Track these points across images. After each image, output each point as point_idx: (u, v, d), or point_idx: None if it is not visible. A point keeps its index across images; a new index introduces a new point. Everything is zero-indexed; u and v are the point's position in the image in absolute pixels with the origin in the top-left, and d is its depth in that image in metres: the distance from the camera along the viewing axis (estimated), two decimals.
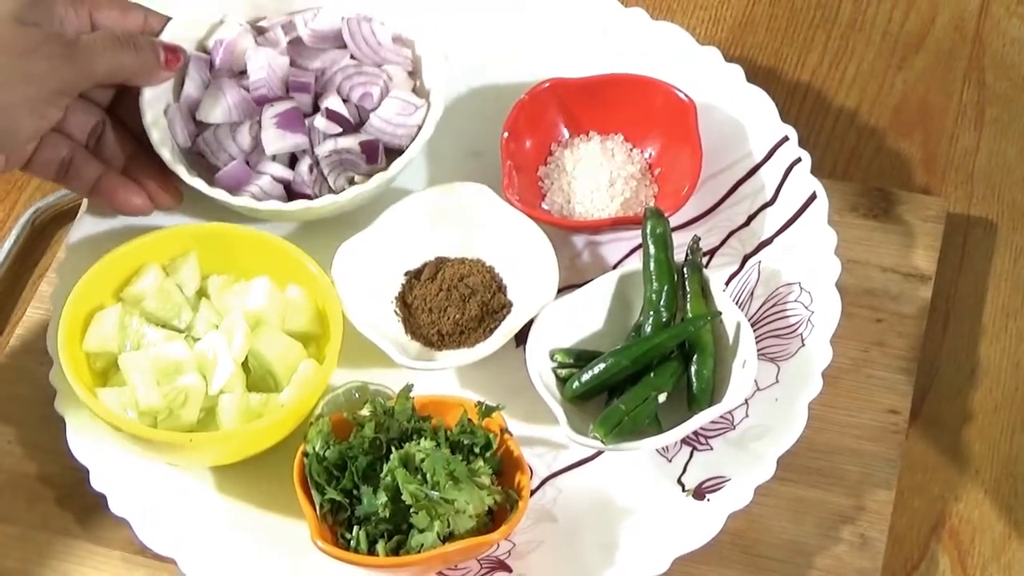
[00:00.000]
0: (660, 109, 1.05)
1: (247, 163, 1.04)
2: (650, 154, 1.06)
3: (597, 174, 1.04)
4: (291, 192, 1.03)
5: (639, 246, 1.01)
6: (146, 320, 0.96)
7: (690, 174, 1.02)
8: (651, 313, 0.96)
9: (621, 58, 1.08)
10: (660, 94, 1.05)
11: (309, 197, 1.02)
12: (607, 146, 1.06)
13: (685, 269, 0.97)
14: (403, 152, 1.02)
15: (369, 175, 1.01)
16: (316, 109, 1.05)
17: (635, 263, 1.00)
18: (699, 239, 0.99)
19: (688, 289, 0.97)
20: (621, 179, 1.04)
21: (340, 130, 1.03)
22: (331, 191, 1.02)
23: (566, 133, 1.07)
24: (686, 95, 1.04)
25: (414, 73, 1.07)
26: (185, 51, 1.03)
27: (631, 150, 1.06)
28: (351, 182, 1.02)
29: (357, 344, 0.96)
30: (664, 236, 0.97)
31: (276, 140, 1.03)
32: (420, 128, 1.03)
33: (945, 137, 1.13)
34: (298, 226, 1.04)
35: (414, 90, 1.06)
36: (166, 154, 1.01)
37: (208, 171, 1.03)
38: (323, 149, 1.03)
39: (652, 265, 0.97)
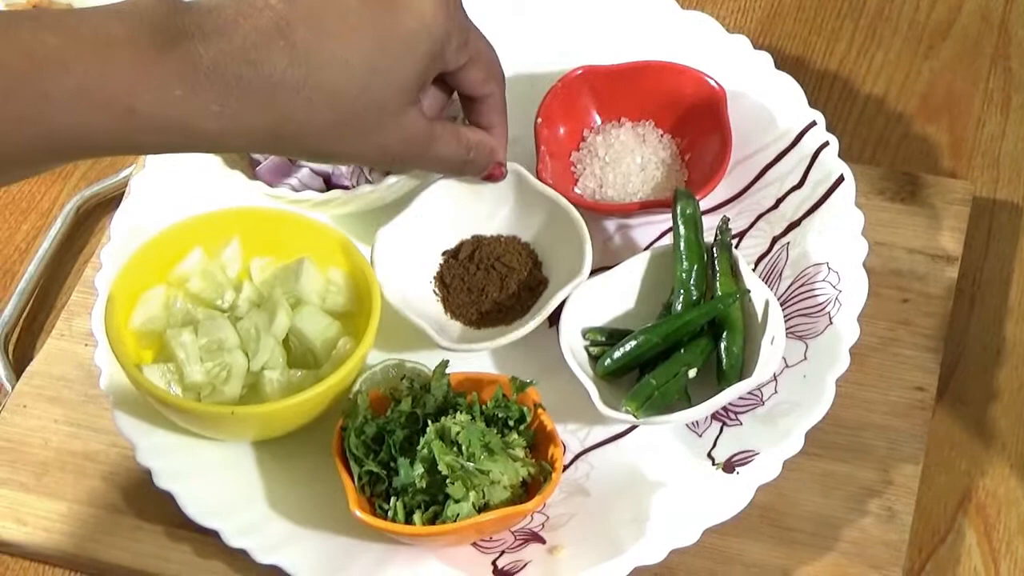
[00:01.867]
0: (690, 96, 1.06)
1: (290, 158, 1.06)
2: (680, 141, 1.08)
3: (629, 159, 1.06)
4: (330, 185, 1.05)
5: (669, 229, 1.03)
6: (190, 300, 0.99)
7: (720, 160, 1.04)
8: (681, 292, 0.98)
9: (651, 46, 1.10)
10: (691, 81, 1.07)
11: (347, 188, 1.04)
12: (638, 132, 1.08)
13: (714, 249, 0.99)
14: None
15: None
16: None
17: (666, 244, 1.02)
18: (728, 220, 1.01)
19: (717, 268, 0.99)
20: (652, 164, 1.06)
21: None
22: (368, 182, 1.04)
23: (598, 119, 1.09)
24: (716, 82, 1.06)
25: None
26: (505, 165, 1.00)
27: (662, 136, 1.08)
28: (387, 173, 1.04)
29: (393, 324, 0.99)
30: (694, 216, 0.99)
31: None
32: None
33: (971, 123, 1.15)
34: (338, 217, 1.07)
35: None
36: None
37: (250, 167, 1.06)
38: None
39: (682, 245, 0.99)
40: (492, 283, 1.02)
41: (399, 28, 0.82)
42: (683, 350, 0.96)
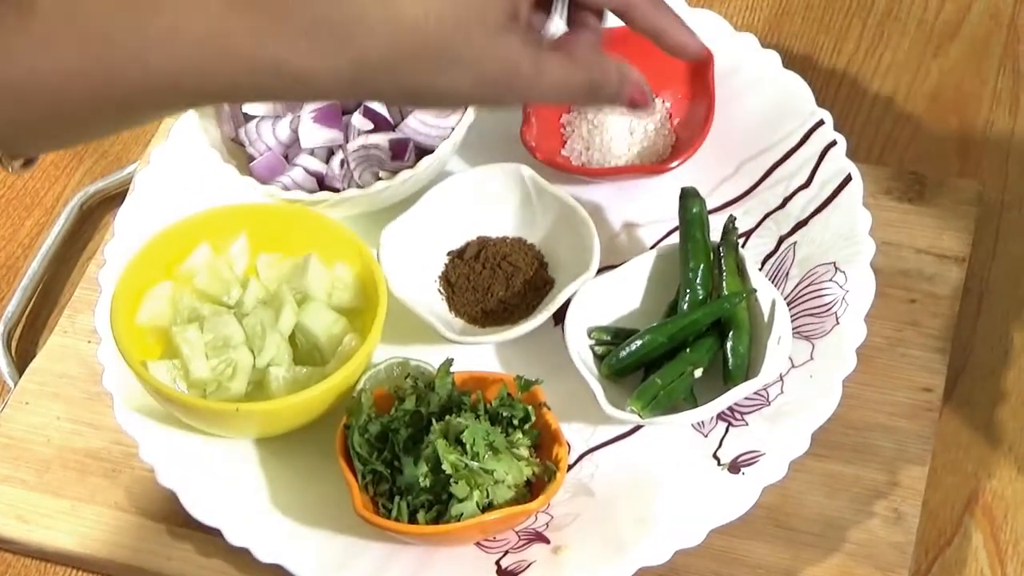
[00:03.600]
0: (678, 60, 1.06)
1: (285, 156, 1.06)
2: (670, 105, 1.09)
3: (617, 122, 1.07)
4: (324, 186, 1.05)
5: (675, 228, 1.02)
6: (197, 296, 0.98)
7: (703, 125, 1.05)
8: (687, 291, 0.97)
9: None
10: None
11: (338, 190, 1.04)
12: None
13: (721, 248, 0.99)
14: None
15: (395, 172, 1.03)
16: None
17: (672, 243, 1.01)
18: (735, 218, 1.00)
19: (724, 268, 0.98)
20: (641, 128, 1.06)
21: (372, 127, 1.05)
22: (358, 186, 1.04)
23: None
24: (706, 48, 1.05)
25: None
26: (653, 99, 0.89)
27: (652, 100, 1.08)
28: (377, 177, 1.04)
29: (398, 321, 0.98)
30: (700, 215, 0.99)
31: (311, 134, 1.05)
32: (453, 130, 1.05)
33: (980, 123, 1.14)
34: (343, 216, 1.06)
35: None
36: (205, 139, 1.03)
37: (244, 163, 1.06)
38: (353, 144, 1.05)
39: (688, 244, 0.98)
40: (498, 282, 1.02)
41: None
42: (689, 350, 0.96)
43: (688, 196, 0.99)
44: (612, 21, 1.06)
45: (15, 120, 0.76)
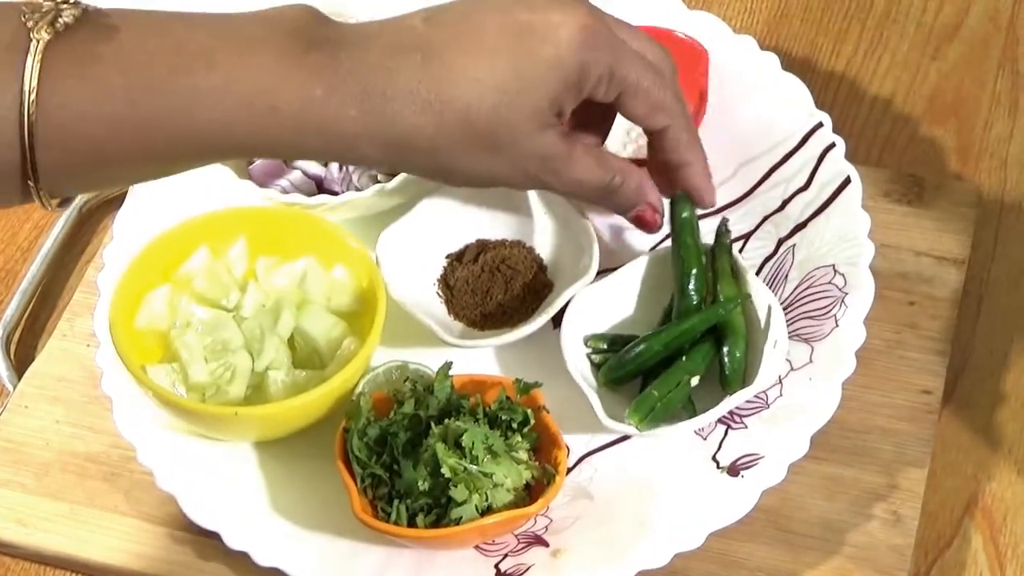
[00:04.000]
0: (678, 59, 1.06)
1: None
2: None
3: (615, 125, 1.06)
4: (323, 189, 1.05)
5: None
6: (195, 300, 0.98)
7: (694, 118, 1.04)
8: (681, 297, 0.97)
9: None
10: (675, 44, 1.07)
11: (336, 194, 1.03)
12: None
13: (714, 251, 0.99)
14: None
15: (392, 175, 1.02)
16: None
17: (666, 246, 1.01)
18: (728, 221, 1.00)
19: (718, 271, 0.98)
20: (638, 130, 1.06)
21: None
22: (357, 189, 1.04)
23: None
24: (699, 43, 1.07)
25: None
26: (663, 215, 0.95)
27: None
28: (376, 181, 1.04)
29: (397, 325, 0.98)
30: (691, 220, 0.98)
31: None
32: None
33: (979, 125, 1.14)
34: (342, 220, 1.06)
35: None
36: None
37: (243, 165, 1.06)
38: None
39: (681, 249, 0.98)
40: (496, 285, 1.02)
41: (534, 54, 0.83)
42: (685, 357, 0.95)
43: (678, 201, 0.99)
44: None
45: (60, 162, 0.76)
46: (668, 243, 1.03)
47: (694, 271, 0.97)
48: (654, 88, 0.88)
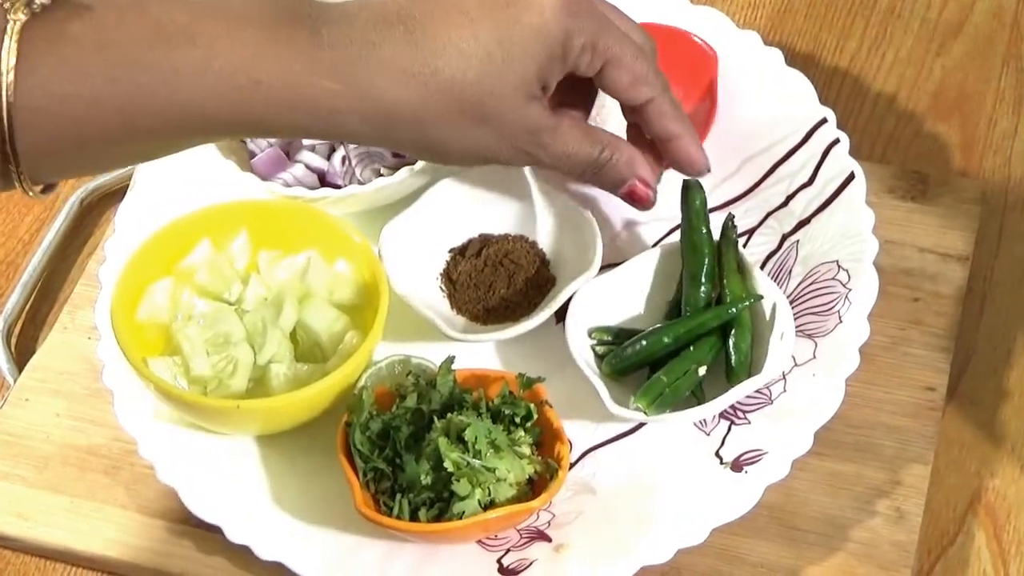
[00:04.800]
0: (684, 60, 1.07)
1: (286, 152, 1.06)
2: None
3: (620, 120, 1.06)
4: (325, 183, 1.05)
5: (677, 226, 1.02)
6: (197, 293, 0.98)
7: (704, 125, 1.04)
8: (691, 287, 0.97)
9: None
10: (685, 44, 1.07)
11: (339, 187, 1.03)
12: None
13: (721, 246, 0.99)
14: None
15: (395, 168, 1.02)
16: None
17: (674, 240, 1.01)
18: (734, 216, 1.00)
19: (724, 266, 0.98)
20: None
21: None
22: (359, 183, 1.03)
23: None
24: (709, 46, 1.06)
25: None
26: (656, 192, 0.93)
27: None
28: (379, 174, 1.04)
29: (400, 319, 0.98)
30: (704, 208, 0.99)
31: None
32: None
33: (983, 121, 1.14)
34: (345, 213, 1.06)
35: None
36: None
37: (245, 158, 1.06)
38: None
39: (692, 238, 0.98)
40: (499, 280, 1.01)
41: (517, 24, 0.83)
42: (692, 347, 0.95)
43: (690, 189, 0.99)
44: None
45: (40, 145, 0.76)
46: (672, 238, 1.03)
47: (706, 260, 0.97)
48: (637, 61, 0.88)
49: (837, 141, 1.04)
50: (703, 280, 0.97)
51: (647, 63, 0.89)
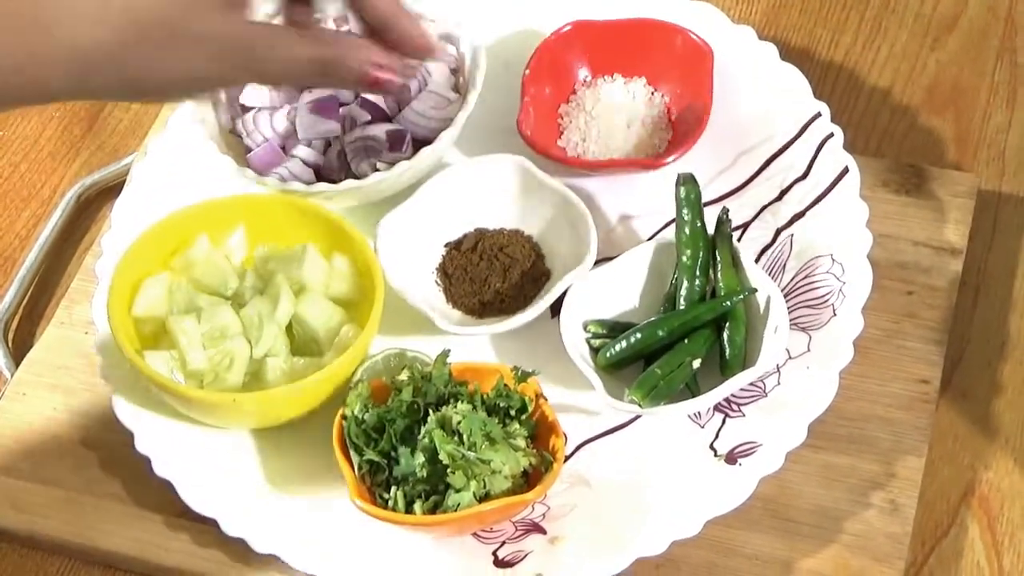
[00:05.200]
0: (680, 55, 1.08)
1: (283, 147, 1.06)
2: (668, 99, 1.09)
3: (615, 115, 1.07)
4: (321, 177, 1.05)
5: (672, 220, 1.02)
6: (194, 287, 0.98)
7: (699, 121, 1.05)
8: (685, 281, 0.97)
9: None
10: (680, 39, 1.08)
11: (335, 182, 1.03)
12: (629, 88, 1.09)
13: (715, 240, 0.99)
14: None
15: (392, 163, 1.03)
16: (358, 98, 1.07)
17: (668, 235, 1.01)
18: (728, 210, 1.00)
19: (718, 259, 0.98)
20: (638, 121, 1.07)
21: (370, 118, 1.05)
22: (355, 177, 1.04)
23: (590, 74, 1.10)
24: (704, 42, 1.07)
25: (457, 70, 1.08)
26: (398, 73, 0.83)
27: (652, 94, 1.09)
28: (374, 168, 1.04)
29: (395, 313, 0.98)
30: (698, 201, 0.99)
31: (309, 125, 1.05)
32: (451, 121, 1.04)
33: (977, 115, 1.14)
34: (340, 208, 1.06)
35: (455, 87, 1.08)
36: (202, 130, 1.03)
37: (241, 154, 1.06)
38: (350, 136, 1.05)
39: (687, 231, 0.98)
40: (495, 274, 1.02)
41: None
42: (687, 341, 0.96)
43: (685, 182, 0.99)
44: (612, 13, 1.09)
45: None
46: (666, 233, 1.03)
47: (700, 255, 0.97)
48: None
49: (831, 135, 1.04)
50: (697, 274, 0.98)
51: None
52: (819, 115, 1.05)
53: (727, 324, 0.96)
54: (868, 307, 0.97)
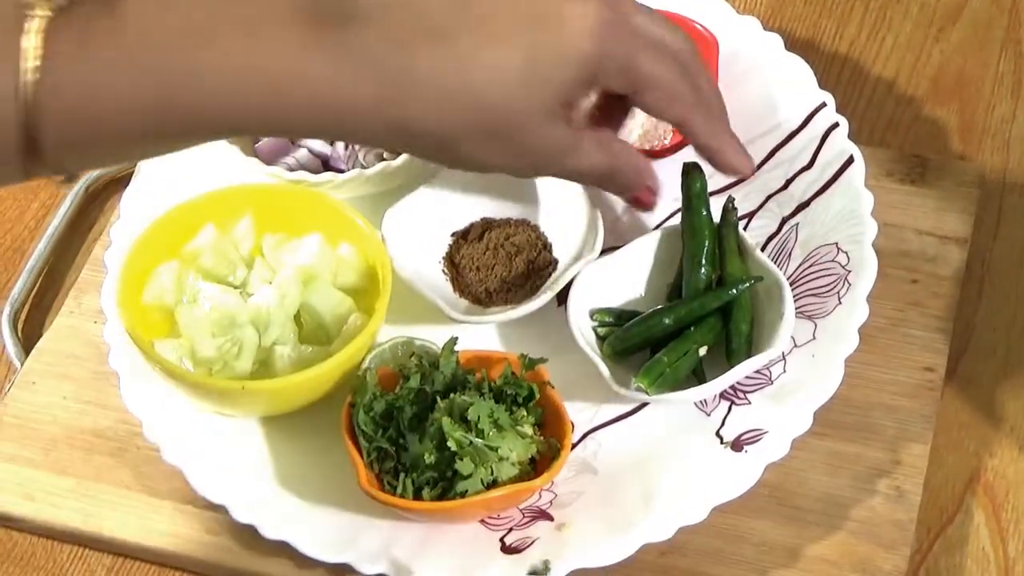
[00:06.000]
0: None
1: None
2: None
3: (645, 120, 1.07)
4: (329, 167, 1.06)
5: (678, 210, 1.03)
6: (202, 276, 0.99)
7: None
8: (691, 269, 0.98)
9: None
10: (685, 30, 1.06)
11: (342, 171, 1.04)
12: None
13: (721, 229, 0.99)
14: None
15: (399, 153, 1.03)
16: None
17: (675, 223, 1.02)
18: (734, 199, 1.01)
19: (724, 248, 0.99)
20: (643, 112, 1.06)
21: None
22: (362, 167, 1.04)
23: None
24: (709, 32, 1.07)
25: None
26: (658, 196, 0.94)
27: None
28: (381, 158, 1.04)
29: (403, 302, 0.99)
30: (704, 191, 0.99)
31: None
32: None
33: (982, 105, 1.15)
34: (348, 197, 1.07)
35: None
36: None
37: (249, 143, 1.06)
38: None
39: (693, 221, 0.99)
40: (501, 263, 1.02)
41: (552, 46, 0.80)
42: (693, 329, 0.96)
43: (691, 172, 1.00)
44: None
45: (62, 142, 0.75)
46: (672, 221, 1.04)
47: (706, 243, 0.98)
48: (671, 81, 0.86)
49: (836, 125, 1.05)
50: (704, 262, 0.98)
51: (683, 80, 0.87)
52: (824, 105, 1.06)
53: (733, 312, 0.96)
54: (873, 296, 0.97)
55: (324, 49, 0.77)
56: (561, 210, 1.04)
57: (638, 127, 1.07)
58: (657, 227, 1.05)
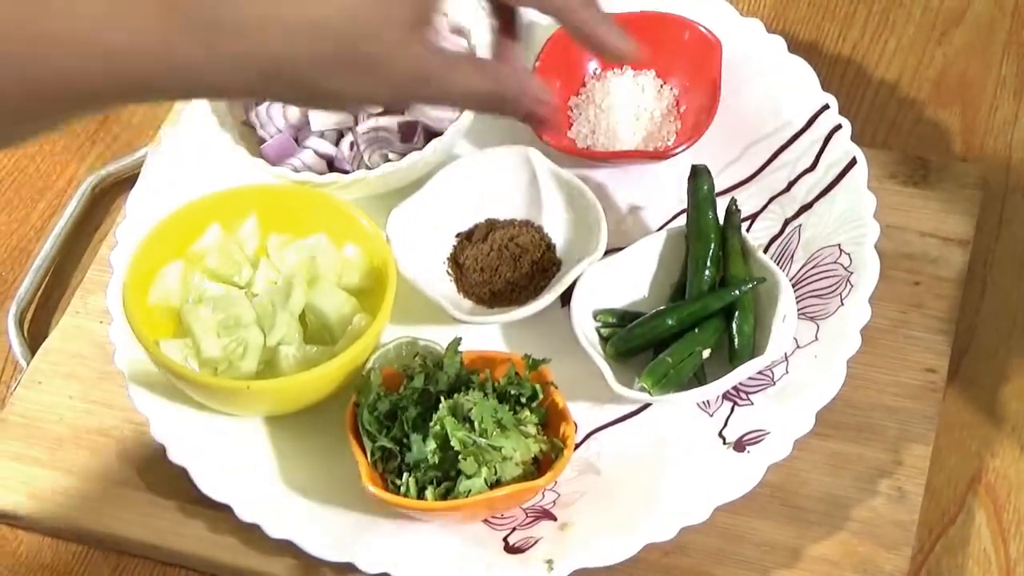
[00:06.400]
0: (689, 48, 1.09)
1: (295, 138, 1.07)
2: (677, 92, 1.10)
3: (624, 108, 1.08)
4: (334, 168, 1.06)
5: (682, 211, 1.03)
6: (208, 276, 0.99)
7: (708, 112, 1.06)
8: (696, 271, 0.98)
9: None
10: (689, 32, 1.09)
11: (347, 172, 1.04)
12: (638, 81, 1.10)
13: (724, 230, 1.00)
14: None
15: (403, 154, 1.04)
16: None
17: (679, 225, 1.02)
18: (736, 201, 1.01)
19: (728, 250, 0.99)
20: (647, 114, 1.07)
21: (381, 109, 1.06)
22: (367, 167, 1.05)
23: (600, 67, 1.11)
24: (713, 35, 1.08)
25: None
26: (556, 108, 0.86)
27: (661, 86, 1.10)
28: (386, 159, 1.05)
29: (407, 302, 0.99)
30: (710, 194, 1.00)
31: (321, 116, 1.06)
32: (462, 113, 1.05)
33: (984, 108, 1.15)
34: (353, 198, 1.07)
35: None
36: (215, 122, 1.04)
37: (255, 144, 1.07)
38: (363, 127, 1.06)
39: (699, 223, 0.99)
40: (505, 263, 1.03)
41: None
42: (696, 330, 0.97)
43: (699, 174, 1.00)
44: (620, 6, 1.10)
45: None
46: (676, 223, 1.04)
47: (712, 245, 0.98)
48: None
49: (839, 127, 1.05)
50: (708, 265, 0.98)
51: None
52: (827, 107, 1.06)
53: (736, 313, 0.97)
54: (876, 297, 0.98)
55: (149, 10, 0.73)
56: (565, 210, 1.05)
57: (641, 129, 1.07)
58: (660, 228, 1.05)
